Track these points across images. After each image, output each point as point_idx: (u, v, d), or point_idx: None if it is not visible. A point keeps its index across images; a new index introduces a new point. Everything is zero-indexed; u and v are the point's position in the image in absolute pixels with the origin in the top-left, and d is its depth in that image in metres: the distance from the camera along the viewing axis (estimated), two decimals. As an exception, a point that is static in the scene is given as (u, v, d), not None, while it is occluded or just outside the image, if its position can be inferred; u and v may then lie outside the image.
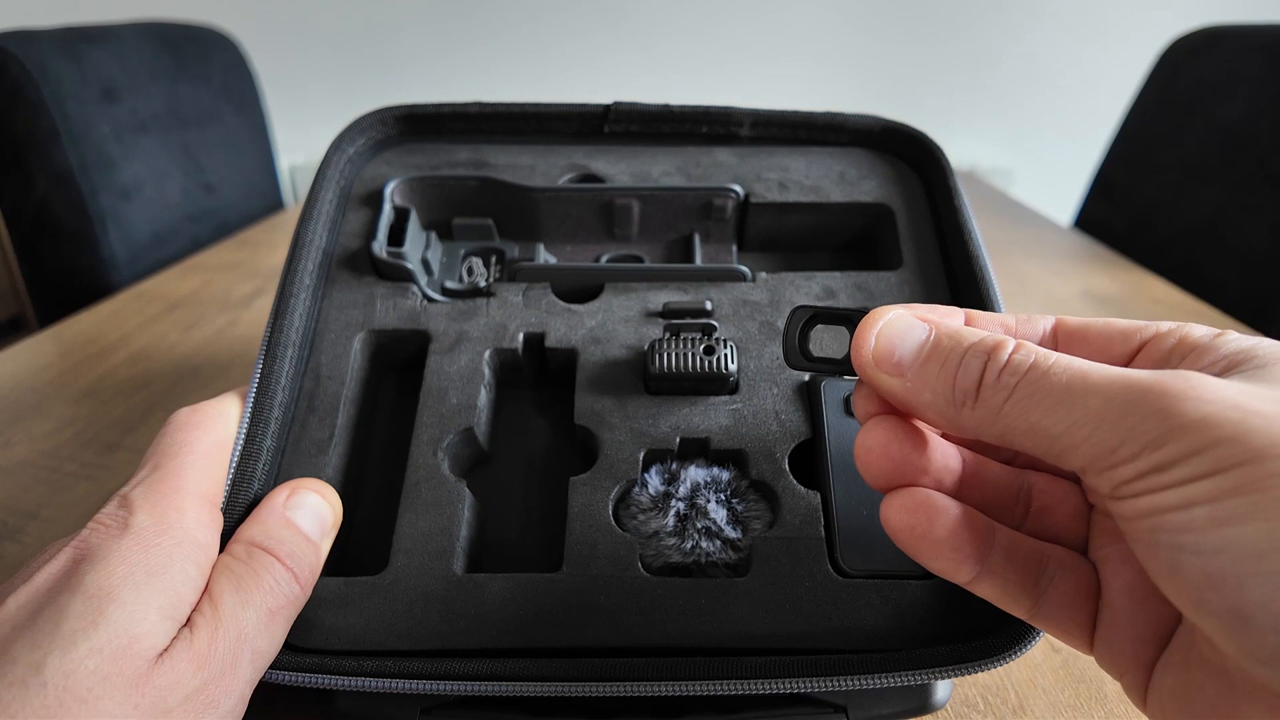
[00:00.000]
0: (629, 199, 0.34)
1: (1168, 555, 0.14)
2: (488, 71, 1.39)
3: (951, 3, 1.35)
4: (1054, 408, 0.16)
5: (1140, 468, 0.14)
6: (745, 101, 0.37)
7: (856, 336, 0.19)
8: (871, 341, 0.19)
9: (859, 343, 0.19)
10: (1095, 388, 0.15)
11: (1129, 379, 0.15)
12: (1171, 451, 0.14)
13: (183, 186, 0.84)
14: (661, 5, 1.35)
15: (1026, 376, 0.16)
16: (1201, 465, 0.13)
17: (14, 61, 0.67)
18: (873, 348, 0.19)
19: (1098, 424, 0.15)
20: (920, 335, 0.19)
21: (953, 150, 1.44)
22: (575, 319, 0.30)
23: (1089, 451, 0.15)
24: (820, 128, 0.36)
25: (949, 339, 0.18)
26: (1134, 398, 0.14)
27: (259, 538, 0.22)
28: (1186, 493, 0.14)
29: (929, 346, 0.18)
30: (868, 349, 0.19)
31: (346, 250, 0.31)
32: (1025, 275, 0.67)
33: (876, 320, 0.19)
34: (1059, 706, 0.26)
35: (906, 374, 0.18)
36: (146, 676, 0.17)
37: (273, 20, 1.34)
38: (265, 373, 0.26)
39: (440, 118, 0.35)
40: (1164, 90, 0.84)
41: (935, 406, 0.18)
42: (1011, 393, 0.16)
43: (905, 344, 0.19)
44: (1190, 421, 0.14)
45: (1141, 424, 0.14)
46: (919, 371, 0.18)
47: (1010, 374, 0.17)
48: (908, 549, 0.19)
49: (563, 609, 0.23)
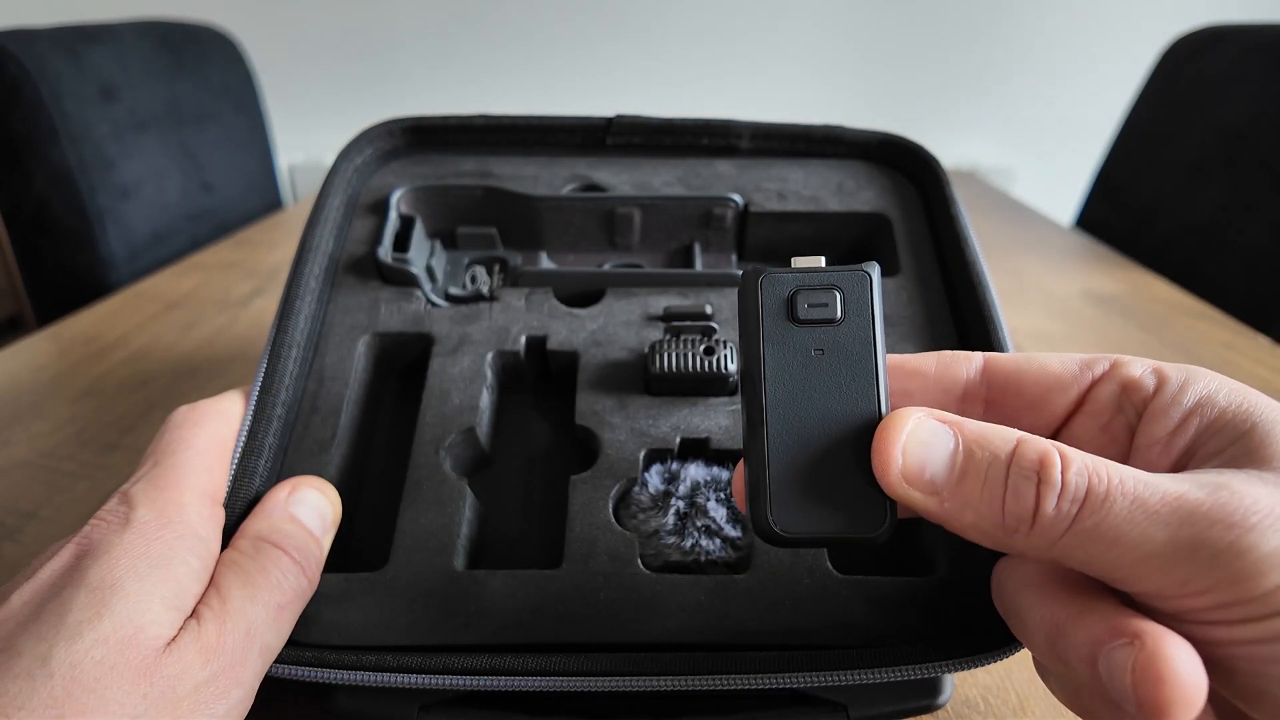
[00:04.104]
0: (630, 208, 0.34)
1: (1247, 680, 0.14)
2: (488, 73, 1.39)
3: (953, 3, 1.35)
4: (1115, 542, 0.15)
5: (1216, 601, 0.14)
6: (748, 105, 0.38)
7: (879, 448, 0.17)
8: (899, 458, 0.17)
9: (883, 459, 0.17)
10: (1157, 517, 0.15)
11: (1187, 508, 0.15)
12: (1248, 590, 0.14)
13: (181, 186, 0.83)
14: (664, 18, 1.34)
15: (1085, 506, 0.15)
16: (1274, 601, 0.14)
17: (12, 60, 0.66)
18: (901, 467, 0.17)
19: (1163, 560, 0.15)
20: (948, 444, 0.17)
21: (954, 150, 1.45)
22: (577, 322, 0.30)
23: (1155, 584, 0.15)
24: (819, 140, 0.36)
25: (980, 448, 0.16)
26: (1199, 532, 0.14)
27: (265, 532, 0.22)
28: (1266, 629, 0.14)
29: (960, 457, 0.17)
30: (895, 468, 0.17)
31: (352, 256, 0.32)
32: (1026, 275, 0.67)
33: (897, 432, 0.17)
34: (1060, 707, 0.26)
35: (942, 492, 0.17)
36: (154, 666, 0.17)
37: (272, 19, 1.34)
38: (269, 371, 0.26)
39: (446, 129, 0.36)
40: (1165, 90, 0.84)
41: (980, 528, 0.16)
42: (1071, 524, 0.15)
43: (934, 457, 0.17)
44: (1263, 556, 0.14)
45: (1213, 560, 0.14)
46: (956, 490, 0.16)
47: (1069, 502, 0.15)
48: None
49: (562, 605, 0.23)
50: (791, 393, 0.18)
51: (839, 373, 0.18)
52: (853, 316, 0.19)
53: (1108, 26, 1.36)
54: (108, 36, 0.77)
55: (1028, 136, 1.47)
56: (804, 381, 0.18)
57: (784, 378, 0.19)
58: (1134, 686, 0.14)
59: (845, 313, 0.19)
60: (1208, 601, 0.14)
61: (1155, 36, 0.93)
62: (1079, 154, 1.27)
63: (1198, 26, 0.83)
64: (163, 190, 0.81)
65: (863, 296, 0.19)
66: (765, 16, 1.35)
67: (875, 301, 0.19)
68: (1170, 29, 0.88)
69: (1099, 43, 1.38)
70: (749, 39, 1.36)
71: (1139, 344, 0.54)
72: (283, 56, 1.35)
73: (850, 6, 1.34)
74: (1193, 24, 0.84)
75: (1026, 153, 1.48)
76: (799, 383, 0.18)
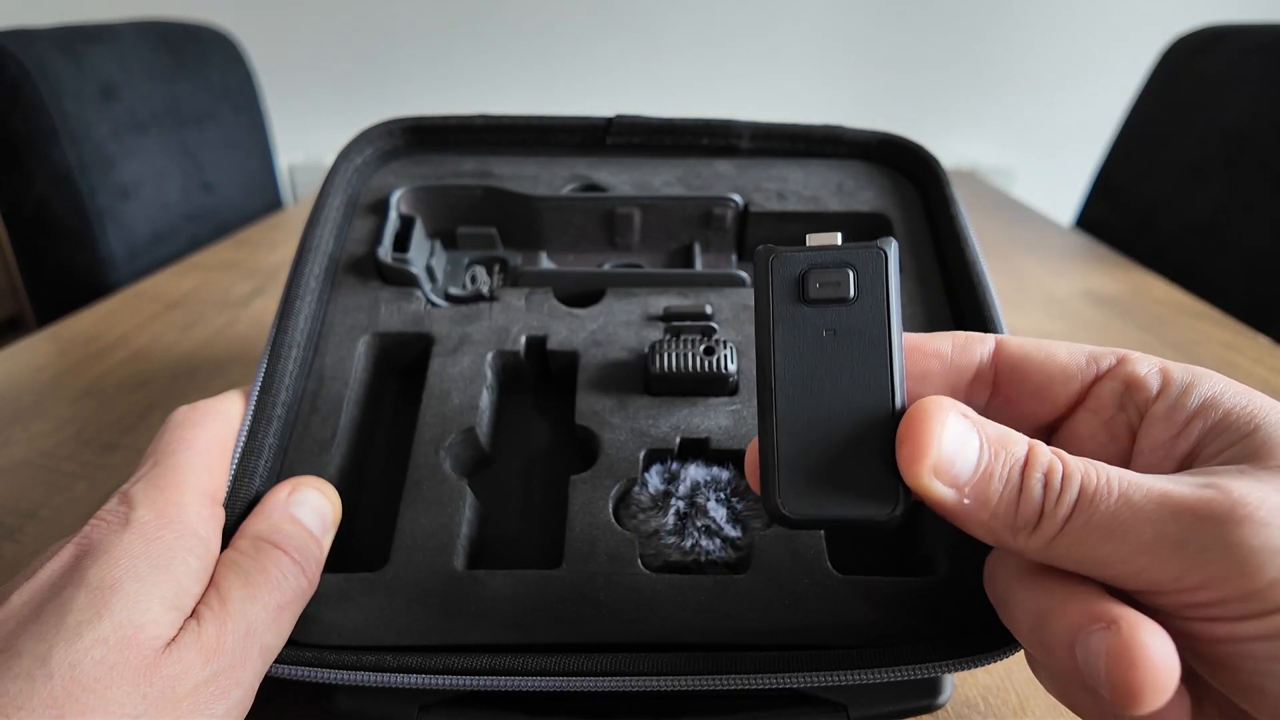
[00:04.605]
0: (630, 208, 0.34)
1: (1248, 678, 0.15)
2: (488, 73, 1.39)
3: (953, 3, 1.35)
4: (1104, 540, 0.15)
5: (1210, 597, 0.14)
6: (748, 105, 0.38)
7: (912, 437, 0.16)
8: (934, 448, 0.16)
9: (917, 450, 0.16)
10: (1142, 513, 0.15)
11: (1176, 504, 0.15)
12: (1243, 585, 0.14)
13: (181, 186, 0.83)
14: (664, 17, 1.34)
15: (1077, 505, 0.15)
16: (1267, 600, 0.14)
17: (12, 60, 0.66)
18: (936, 458, 0.16)
19: (1153, 556, 0.15)
20: (975, 443, 0.17)
21: (954, 150, 1.45)
22: (577, 322, 0.30)
23: (1148, 580, 0.15)
24: (819, 140, 0.36)
25: (1002, 449, 0.17)
26: (1186, 526, 0.14)
27: (266, 532, 0.22)
28: (1266, 625, 0.14)
29: (986, 458, 0.17)
30: (928, 461, 0.16)
31: (352, 256, 0.32)
32: (1026, 275, 0.67)
33: (936, 424, 0.16)
34: (1060, 708, 0.26)
35: (964, 489, 0.16)
36: (154, 666, 0.17)
37: (272, 19, 1.34)
38: (269, 371, 0.26)
39: (446, 129, 0.36)
40: (1165, 90, 0.84)
41: (990, 526, 0.17)
42: (1064, 524, 0.16)
43: (965, 455, 0.16)
44: (1254, 550, 0.14)
45: (1202, 555, 0.14)
46: (977, 487, 0.16)
47: (1065, 506, 0.16)
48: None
49: (562, 605, 0.23)
50: (802, 374, 0.18)
51: (851, 354, 0.18)
52: (866, 296, 0.18)
53: (1108, 26, 1.36)
54: (108, 36, 0.77)
55: (1028, 136, 1.47)
56: (815, 363, 0.18)
57: (794, 359, 0.18)
58: (1107, 670, 0.15)
59: (859, 292, 0.18)
60: (1204, 597, 0.14)
61: (1155, 37, 0.93)
62: (1079, 154, 1.27)
63: (1198, 26, 0.83)
64: (163, 190, 0.81)
65: (877, 275, 0.18)
66: (765, 16, 1.35)
67: (891, 280, 0.18)
68: (1170, 29, 0.88)
69: (1099, 43, 1.38)
70: (749, 39, 1.36)
71: (1139, 344, 0.54)
72: (283, 56, 1.35)
73: (850, 6, 1.34)
74: (1193, 24, 0.84)
75: (1027, 153, 1.48)
76: (809, 364, 0.18)
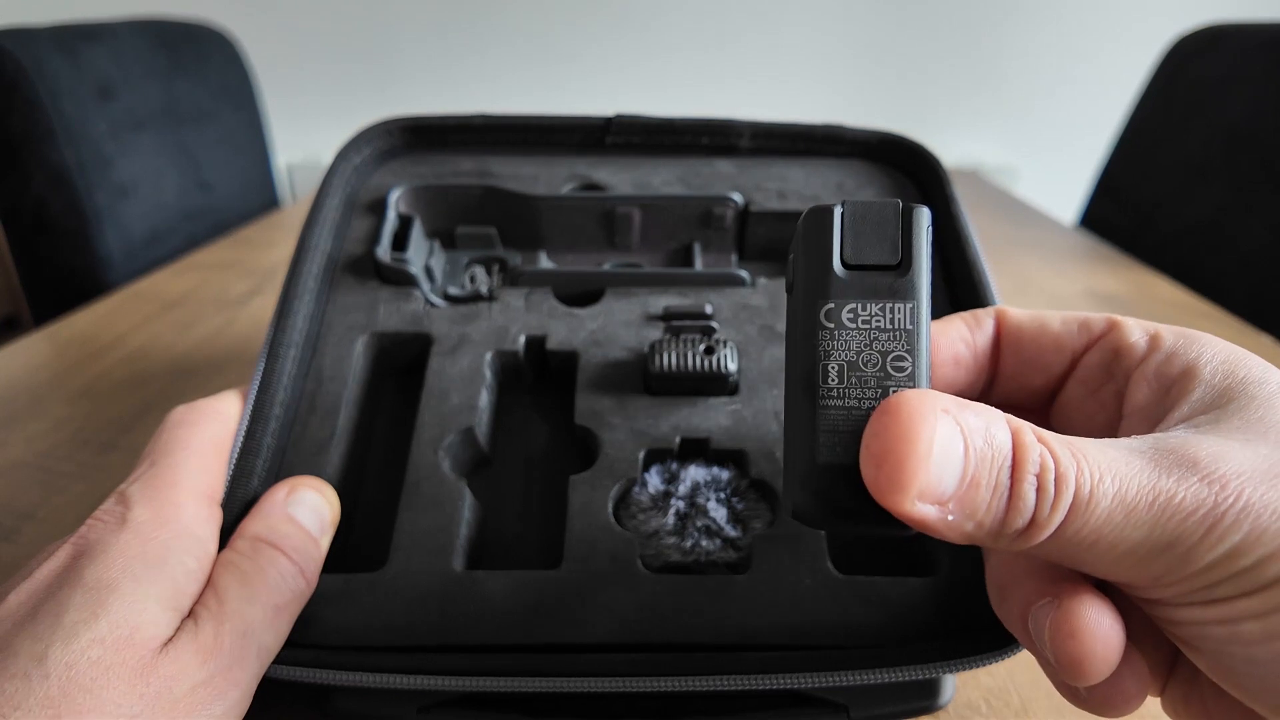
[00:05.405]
0: (630, 207, 0.34)
1: (1219, 660, 0.15)
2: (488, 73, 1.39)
3: (955, 2, 1.35)
4: (1093, 546, 0.14)
5: (1185, 590, 0.14)
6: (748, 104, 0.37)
7: (887, 454, 0.14)
8: (922, 473, 0.14)
9: (897, 471, 0.14)
10: (1134, 516, 0.14)
11: (1162, 503, 0.14)
12: (1216, 574, 0.14)
13: (179, 185, 0.83)
14: (664, 17, 1.34)
15: (1071, 511, 0.14)
16: (1246, 582, 0.14)
17: (10, 59, 0.66)
18: (924, 481, 0.14)
19: (1137, 559, 0.14)
20: (960, 449, 0.14)
21: (956, 149, 1.45)
22: (576, 322, 0.30)
23: (1129, 578, 0.15)
24: (819, 139, 0.36)
25: (986, 446, 0.14)
26: (1173, 527, 0.14)
27: (263, 533, 0.22)
28: (1233, 609, 0.14)
29: (973, 461, 0.14)
30: (914, 486, 0.14)
31: (350, 256, 0.32)
32: (1029, 274, 0.67)
33: (919, 437, 0.14)
34: (1062, 709, 0.26)
35: (949, 503, 0.14)
36: (151, 666, 0.17)
37: (270, 18, 1.34)
38: (267, 370, 0.26)
39: (445, 129, 0.36)
40: (1167, 89, 0.84)
41: (974, 537, 0.15)
42: (1053, 534, 0.14)
43: (950, 467, 0.14)
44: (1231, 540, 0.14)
45: (1186, 554, 0.14)
46: (963, 499, 0.14)
47: (1060, 512, 0.14)
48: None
49: (561, 605, 0.23)
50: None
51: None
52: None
53: (1109, 26, 1.36)
54: (106, 35, 0.77)
55: (1030, 136, 1.47)
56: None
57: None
58: (1050, 642, 0.15)
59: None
60: (1178, 591, 0.15)
61: (1156, 36, 0.93)
62: (1081, 153, 1.27)
63: (1199, 26, 0.83)
64: (160, 189, 0.80)
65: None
66: (766, 15, 1.34)
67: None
68: (1171, 29, 0.88)
69: (1101, 42, 1.38)
70: (749, 38, 1.36)
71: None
72: (281, 55, 1.35)
73: (851, 5, 1.34)
74: (1194, 24, 0.84)
75: (1029, 152, 1.47)
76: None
